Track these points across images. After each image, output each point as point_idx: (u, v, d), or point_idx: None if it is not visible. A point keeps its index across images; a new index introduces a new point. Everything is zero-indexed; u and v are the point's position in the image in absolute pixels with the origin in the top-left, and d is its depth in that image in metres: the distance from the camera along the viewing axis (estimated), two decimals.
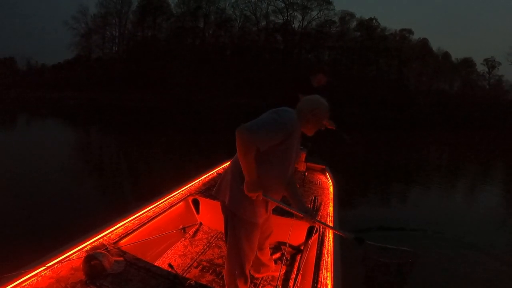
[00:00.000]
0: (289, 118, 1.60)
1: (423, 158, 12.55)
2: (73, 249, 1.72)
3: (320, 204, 2.94)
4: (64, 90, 36.50)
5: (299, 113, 1.71)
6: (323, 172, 4.18)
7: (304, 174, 3.66)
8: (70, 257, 1.67)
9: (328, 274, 1.79)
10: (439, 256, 3.67)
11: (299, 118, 1.69)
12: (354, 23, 49.93)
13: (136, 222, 2.21)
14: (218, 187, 1.80)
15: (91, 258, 1.57)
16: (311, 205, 2.86)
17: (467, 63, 52.28)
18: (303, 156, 3.70)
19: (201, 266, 2.37)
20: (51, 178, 5.86)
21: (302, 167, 3.72)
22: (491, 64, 52.08)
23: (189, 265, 2.36)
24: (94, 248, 1.79)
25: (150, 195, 2.62)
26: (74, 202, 4.73)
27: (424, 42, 51.52)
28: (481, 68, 53.03)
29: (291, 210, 1.80)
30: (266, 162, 1.60)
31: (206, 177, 3.38)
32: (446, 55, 52.81)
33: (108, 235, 1.96)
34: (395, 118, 33.66)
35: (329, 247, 2.09)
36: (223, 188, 1.75)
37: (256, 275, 2.23)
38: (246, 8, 50.05)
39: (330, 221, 2.56)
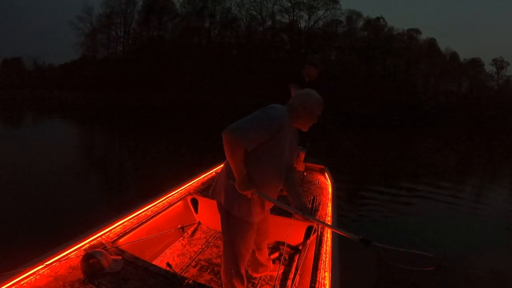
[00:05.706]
0: (275, 115, 1.58)
1: (426, 159, 12.40)
2: (72, 248, 1.74)
3: (319, 204, 2.93)
4: (70, 89, 36.95)
5: (290, 109, 1.69)
6: (322, 172, 4.16)
7: (303, 174, 3.65)
8: (69, 255, 1.69)
9: (326, 274, 1.79)
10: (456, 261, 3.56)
11: (291, 114, 1.67)
12: (361, 23, 49.56)
13: (134, 221, 2.22)
14: (213, 188, 1.81)
15: (89, 256, 1.59)
16: (310, 205, 2.85)
17: (475, 63, 51.49)
18: (302, 156, 3.69)
19: (199, 265, 2.38)
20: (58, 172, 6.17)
21: (301, 167, 3.71)
22: (499, 64, 51.31)
23: (187, 264, 2.37)
24: (93, 246, 1.80)
25: (150, 193, 2.63)
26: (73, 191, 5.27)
27: (431, 42, 50.86)
28: (489, 68, 52.28)
29: (285, 208, 1.79)
30: (256, 161, 1.60)
31: (205, 176, 3.38)
32: (454, 56, 52.03)
33: (106, 234, 1.97)
34: (401, 118, 33.30)
35: (327, 247, 2.09)
36: (218, 188, 1.75)
37: (254, 275, 2.24)
38: (252, 8, 50.13)
39: (328, 221, 2.55)
